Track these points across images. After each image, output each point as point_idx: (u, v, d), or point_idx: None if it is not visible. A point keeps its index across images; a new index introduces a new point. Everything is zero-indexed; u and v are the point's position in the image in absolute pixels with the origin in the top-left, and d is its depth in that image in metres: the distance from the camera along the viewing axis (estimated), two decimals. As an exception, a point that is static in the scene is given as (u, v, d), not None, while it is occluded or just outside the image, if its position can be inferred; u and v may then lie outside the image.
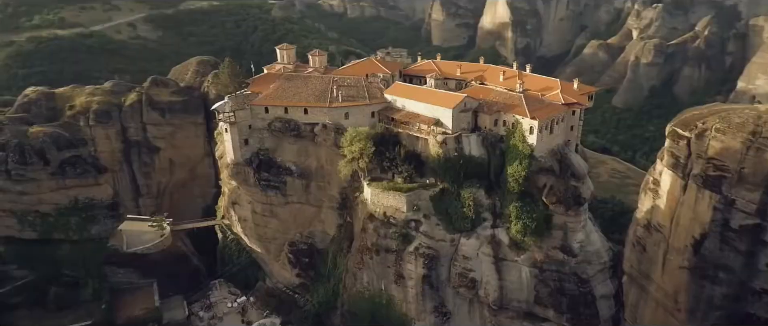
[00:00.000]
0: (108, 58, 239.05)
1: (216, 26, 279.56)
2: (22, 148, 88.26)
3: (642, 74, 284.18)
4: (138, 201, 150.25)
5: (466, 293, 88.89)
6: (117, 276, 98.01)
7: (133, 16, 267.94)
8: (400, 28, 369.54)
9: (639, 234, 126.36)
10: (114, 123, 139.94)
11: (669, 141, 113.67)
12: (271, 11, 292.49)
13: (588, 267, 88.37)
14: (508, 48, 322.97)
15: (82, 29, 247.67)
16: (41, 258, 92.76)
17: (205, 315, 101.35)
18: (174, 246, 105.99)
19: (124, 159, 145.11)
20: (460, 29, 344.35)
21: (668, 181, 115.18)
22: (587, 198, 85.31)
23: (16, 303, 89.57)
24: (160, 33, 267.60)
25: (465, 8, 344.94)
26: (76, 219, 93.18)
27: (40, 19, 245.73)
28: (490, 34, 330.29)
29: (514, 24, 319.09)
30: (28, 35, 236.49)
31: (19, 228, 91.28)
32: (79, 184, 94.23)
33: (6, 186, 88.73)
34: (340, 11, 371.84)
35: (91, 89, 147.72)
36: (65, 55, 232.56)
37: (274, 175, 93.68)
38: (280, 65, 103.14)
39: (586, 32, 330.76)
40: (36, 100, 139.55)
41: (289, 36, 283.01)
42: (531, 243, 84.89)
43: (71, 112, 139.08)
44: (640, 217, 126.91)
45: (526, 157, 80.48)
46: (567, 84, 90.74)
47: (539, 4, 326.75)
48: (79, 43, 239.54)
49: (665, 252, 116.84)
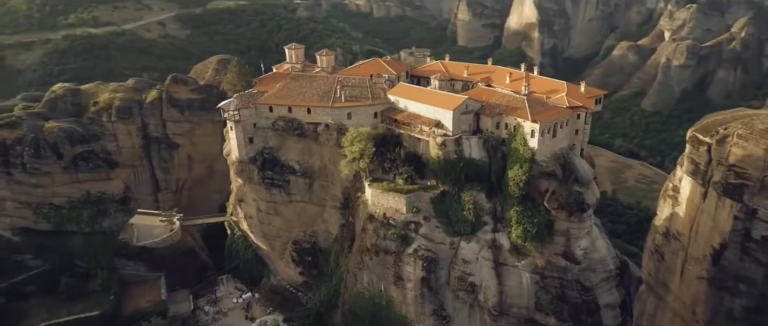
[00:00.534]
0: (138, 56, 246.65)
1: (242, 25, 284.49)
2: (37, 142, 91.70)
3: (673, 76, 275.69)
4: (157, 196, 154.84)
5: (466, 297, 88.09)
6: (126, 268, 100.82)
7: (163, 15, 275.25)
8: (426, 28, 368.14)
9: (657, 242, 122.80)
10: (135, 119, 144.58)
11: (689, 146, 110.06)
12: (297, 11, 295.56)
13: (592, 274, 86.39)
14: (534, 49, 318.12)
15: (114, 27, 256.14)
16: (55, 249, 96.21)
17: (211, 310, 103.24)
18: (183, 241, 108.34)
19: (144, 154, 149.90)
20: (486, 29, 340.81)
21: (688, 188, 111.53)
22: (591, 204, 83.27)
23: (30, 291, 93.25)
24: (188, 32, 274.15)
25: (491, 8, 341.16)
26: (88, 212, 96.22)
27: (75, 18, 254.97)
28: (516, 35, 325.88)
29: (541, 24, 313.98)
30: (63, 33, 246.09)
31: (34, 220, 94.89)
32: (91, 178, 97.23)
33: (21, 179, 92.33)
34: (365, 11, 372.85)
35: (115, 86, 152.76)
36: (98, 53, 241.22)
37: (277, 174, 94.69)
38: (289, 65, 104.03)
39: (615, 33, 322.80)
40: (62, 95, 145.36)
41: (314, 35, 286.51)
42: (532, 248, 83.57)
43: (95, 108, 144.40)
44: (659, 225, 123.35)
45: (526, 161, 79.15)
46: (574, 87, 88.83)
47: (567, 4, 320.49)
48: (111, 41, 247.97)
49: (684, 262, 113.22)
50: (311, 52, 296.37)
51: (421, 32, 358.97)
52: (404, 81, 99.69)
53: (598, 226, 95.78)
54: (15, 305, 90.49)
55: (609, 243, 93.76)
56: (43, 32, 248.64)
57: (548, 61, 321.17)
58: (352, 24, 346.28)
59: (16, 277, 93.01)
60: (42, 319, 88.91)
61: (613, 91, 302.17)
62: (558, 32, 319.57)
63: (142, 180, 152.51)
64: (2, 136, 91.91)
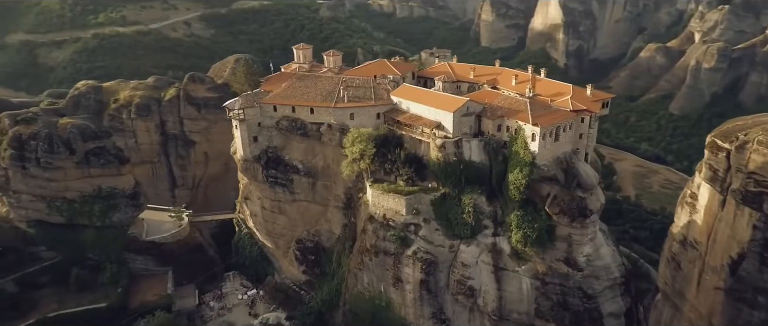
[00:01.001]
0: (163, 55, 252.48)
1: (266, 25, 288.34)
2: (51, 137, 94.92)
3: (703, 79, 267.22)
4: (174, 192, 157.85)
5: (465, 301, 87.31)
6: (135, 262, 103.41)
7: (189, 15, 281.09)
8: (449, 29, 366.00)
9: (674, 250, 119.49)
10: (153, 116, 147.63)
11: (707, 152, 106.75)
12: (319, 11, 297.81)
13: (595, 282, 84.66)
14: (559, 50, 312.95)
15: (141, 27, 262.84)
16: (67, 242, 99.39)
17: (216, 305, 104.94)
18: (191, 236, 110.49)
19: (162, 151, 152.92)
20: (510, 30, 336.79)
21: (706, 195, 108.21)
22: (595, 210, 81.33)
23: (43, 282, 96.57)
24: (212, 31, 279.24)
25: (516, 9, 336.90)
26: (99, 207, 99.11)
27: (105, 17, 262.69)
28: (540, 36, 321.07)
29: (566, 25, 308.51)
30: (93, 32, 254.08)
31: (47, 213, 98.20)
32: (103, 174, 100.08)
33: (36, 173, 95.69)
34: (389, 11, 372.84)
35: (135, 84, 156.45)
36: (125, 51, 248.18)
37: (281, 173, 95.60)
38: (297, 65, 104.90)
39: (644, 35, 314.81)
40: (85, 92, 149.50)
41: (335, 35, 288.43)
42: (532, 253, 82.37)
43: (115, 105, 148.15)
44: (676, 232, 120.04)
45: (527, 165, 78.06)
46: (579, 90, 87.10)
47: (594, 4, 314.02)
48: (138, 40, 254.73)
49: (701, 271, 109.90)
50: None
51: (444, 33, 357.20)
52: (410, 82, 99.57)
53: (605, 233, 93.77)
54: (28, 294, 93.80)
55: (615, 250, 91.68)
56: (74, 31, 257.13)
57: (573, 62, 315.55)
58: (375, 24, 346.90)
59: (30, 268, 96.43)
60: (52, 309, 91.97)
61: (639, 93, 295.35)
62: (584, 33, 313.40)
63: (160, 176, 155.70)
64: (19, 131, 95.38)
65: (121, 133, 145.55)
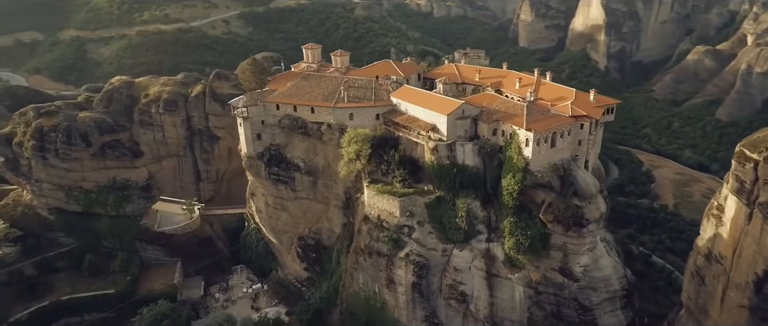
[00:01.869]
0: (202, 52, 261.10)
1: (301, 24, 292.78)
2: (69, 130, 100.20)
3: (754, 85, 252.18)
4: (198, 185, 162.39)
5: (458, 306, 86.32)
6: (146, 251, 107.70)
7: (229, 13, 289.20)
8: (487, 29, 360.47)
9: (699, 263, 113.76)
10: (180, 112, 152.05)
11: (735, 162, 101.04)
12: (354, 10, 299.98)
13: (592, 294, 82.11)
14: (599, 52, 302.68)
15: (182, 24, 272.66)
16: (83, 229, 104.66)
17: (221, 297, 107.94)
18: (201, 229, 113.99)
19: (187, 145, 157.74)
20: (549, 31, 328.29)
21: (733, 208, 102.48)
22: (592, 219, 78.70)
23: (60, 266, 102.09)
24: (250, 29, 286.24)
25: (556, 9, 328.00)
26: (113, 197, 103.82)
27: (149, 15, 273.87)
28: (581, 37, 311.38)
29: (608, 26, 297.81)
30: (137, 29, 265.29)
31: (66, 201, 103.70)
32: (117, 166, 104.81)
33: (55, 163, 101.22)
34: (426, 11, 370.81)
35: (165, 80, 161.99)
36: (166, 48, 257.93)
37: (283, 170, 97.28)
38: (306, 64, 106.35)
39: (691, 36, 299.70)
40: (118, 87, 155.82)
41: (369, 34, 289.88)
42: (525, 261, 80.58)
43: (145, 100, 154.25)
44: (702, 245, 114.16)
45: (519, 171, 76.37)
46: (583, 94, 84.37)
47: (639, 5, 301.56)
48: (179, 37, 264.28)
49: (725, 287, 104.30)
50: (367, 51, 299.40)
51: (481, 33, 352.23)
52: (415, 83, 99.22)
53: (608, 243, 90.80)
54: (45, 278, 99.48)
55: (618, 262, 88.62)
56: (120, 28, 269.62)
57: (615, 65, 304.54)
58: (412, 24, 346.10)
59: (49, 253, 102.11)
60: (65, 293, 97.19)
61: (684, 98, 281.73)
62: (627, 35, 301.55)
63: (186, 170, 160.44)
64: (41, 123, 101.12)
65: (149, 127, 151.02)
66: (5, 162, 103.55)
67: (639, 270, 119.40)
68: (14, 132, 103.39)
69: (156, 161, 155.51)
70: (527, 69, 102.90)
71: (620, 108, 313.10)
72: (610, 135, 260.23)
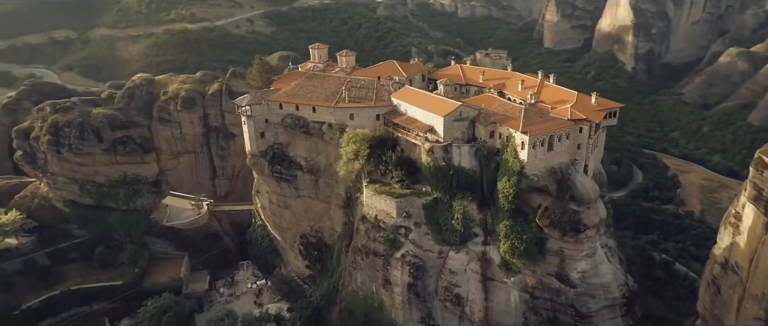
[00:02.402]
0: (226, 50, 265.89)
1: (324, 23, 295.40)
2: (82, 126, 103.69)
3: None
4: (214, 181, 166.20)
5: (453, 308, 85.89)
6: (155, 245, 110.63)
7: (253, 13, 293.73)
8: (511, 29, 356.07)
9: (715, 272, 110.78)
10: (197, 109, 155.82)
11: (753, 170, 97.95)
12: (377, 10, 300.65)
13: (590, 300, 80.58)
14: (627, 53, 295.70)
15: (207, 23, 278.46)
16: (96, 222, 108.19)
17: (226, 291, 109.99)
18: (208, 224, 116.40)
19: (204, 142, 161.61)
20: (575, 31, 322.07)
21: (750, 216, 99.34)
22: (590, 225, 77.16)
23: (72, 257, 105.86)
24: (274, 28, 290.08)
25: (582, 9, 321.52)
26: (124, 191, 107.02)
27: (176, 14, 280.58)
28: (608, 38, 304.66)
29: (636, 27, 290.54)
30: (164, 28, 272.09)
31: (79, 194, 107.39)
32: (128, 161, 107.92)
33: (68, 157, 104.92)
34: (450, 10, 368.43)
35: (184, 77, 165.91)
36: (191, 46, 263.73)
37: (285, 169, 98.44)
38: (312, 63, 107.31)
39: (724, 38, 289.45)
40: (139, 85, 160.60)
41: (391, 34, 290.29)
42: (521, 265, 79.61)
43: (164, 97, 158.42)
44: (718, 254, 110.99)
45: (515, 174, 75.52)
46: (584, 97, 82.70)
47: (669, 5, 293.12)
48: (204, 35, 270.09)
49: (741, 298, 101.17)
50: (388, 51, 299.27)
51: (505, 33, 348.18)
52: (419, 84, 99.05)
53: (610, 249, 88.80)
54: (58, 267, 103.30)
55: (619, 269, 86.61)
56: (148, 27, 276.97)
57: (642, 66, 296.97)
58: (436, 23, 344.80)
59: (62, 243, 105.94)
60: (75, 283, 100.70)
61: (715, 101, 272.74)
62: (656, 36, 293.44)
63: (202, 166, 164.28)
64: (56, 119, 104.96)
65: (167, 124, 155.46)
66: (23, 155, 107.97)
67: (660, 278, 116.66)
68: (32, 126, 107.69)
69: (174, 157, 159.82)
70: (551, 70, 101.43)
71: (647, 111, 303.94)
72: (635, 138, 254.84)
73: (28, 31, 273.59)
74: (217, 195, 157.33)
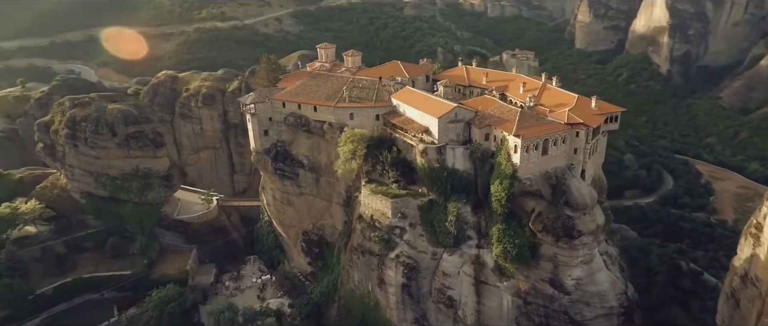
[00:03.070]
0: (253, 48, 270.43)
1: (351, 22, 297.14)
2: (97, 120, 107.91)
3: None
4: (233, 177, 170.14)
5: (446, 310, 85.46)
6: (165, 237, 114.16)
7: (281, 12, 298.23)
8: (542, 30, 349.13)
9: (735, 285, 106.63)
10: (217, 106, 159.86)
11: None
12: (404, 9, 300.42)
13: (585, 308, 78.83)
14: (662, 55, 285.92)
15: (236, 22, 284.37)
16: (110, 213, 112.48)
17: (231, 285, 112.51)
18: (217, 219, 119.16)
19: (223, 138, 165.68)
20: (608, 32, 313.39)
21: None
22: (586, 231, 75.41)
23: (87, 246, 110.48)
24: (301, 27, 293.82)
25: (616, 9, 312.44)
26: (136, 184, 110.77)
27: (207, 13, 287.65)
28: (642, 39, 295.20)
29: (672, 28, 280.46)
30: (195, 26, 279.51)
31: (95, 186, 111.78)
32: (141, 155, 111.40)
33: (84, 151, 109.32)
34: (480, 10, 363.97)
35: (205, 75, 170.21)
36: (220, 44, 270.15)
37: (288, 166, 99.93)
38: (319, 63, 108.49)
39: (767, 40, 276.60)
40: (163, 81, 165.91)
41: (417, 34, 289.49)
42: (514, 270, 78.59)
43: (186, 94, 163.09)
44: (738, 266, 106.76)
45: (507, 177, 74.62)
46: (584, 101, 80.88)
47: (708, 6, 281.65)
48: (232, 34, 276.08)
49: (760, 313, 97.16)
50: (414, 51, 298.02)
51: (536, 33, 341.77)
52: (423, 85, 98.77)
53: (611, 257, 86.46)
54: (73, 256, 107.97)
55: (619, 277, 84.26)
56: (180, 25, 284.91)
57: (678, 69, 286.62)
58: (464, 23, 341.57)
59: (78, 233, 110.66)
60: (87, 271, 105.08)
61: (756, 106, 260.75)
62: (693, 37, 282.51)
63: (221, 162, 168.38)
64: (74, 113, 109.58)
65: (189, 120, 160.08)
66: (44, 147, 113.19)
67: (687, 288, 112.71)
68: (52, 120, 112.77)
69: (194, 152, 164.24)
70: (582, 72, 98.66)
71: (681, 115, 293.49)
72: (667, 143, 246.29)
73: (68, 29, 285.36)
74: (236, 191, 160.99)
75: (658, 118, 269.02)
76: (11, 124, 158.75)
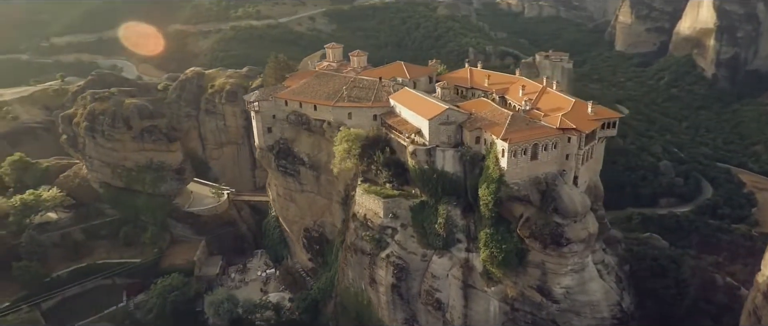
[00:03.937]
0: (286, 47, 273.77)
1: (383, 22, 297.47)
2: (114, 114, 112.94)
3: None
4: (254, 173, 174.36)
5: (434, 312, 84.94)
6: (176, 228, 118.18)
7: (315, 11, 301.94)
8: (580, 30, 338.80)
9: (757, 301, 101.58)
10: (239, 102, 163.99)
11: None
12: (437, 9, 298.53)
13: (574, 318, 76.80)
14: (707, 58, 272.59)
15: (271, 21, 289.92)
16: (125, 203, 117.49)
17: (237, 277, 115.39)
18: (227, 212, 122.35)
19: (245, 134, 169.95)
20: (651, 34, 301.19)
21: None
22: (575, 239, 73.46)
23: (102, 234, 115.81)
24: (334, 26, 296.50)
25: (660, 10, 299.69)
26: (150, 177, 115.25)
27: (243, 12, 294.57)
28: (686, 41, 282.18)
29: (719, 30, 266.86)
30: (231, 24, 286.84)
31: (111, 177, 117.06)
32: (154, 149, 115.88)
33: (102, 143, 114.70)
34: (517, 10, 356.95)
35: (230, 72, 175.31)
36: (255, 42, 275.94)
37: (290, 164, 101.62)
38: (327, 63, 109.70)
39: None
40: (190, 78, 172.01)
41: (449, 34, 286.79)
42: (501, 275, 77.37)
43: (211, 90, 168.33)
44: (761, 282, 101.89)
45: (494, 181, 73.49)
46: (582, 105, 78.48)
47: (760, 6, 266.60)
48: (266, 32, 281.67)
49: None
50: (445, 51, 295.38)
51: (574, 34, 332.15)
52: (426, 86, 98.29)
53: (606, 266, 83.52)
54: (89, 242, 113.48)
55: (613, 287, 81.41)
56: (217, 23, 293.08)
57: (724, 73, 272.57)
58: (501, 23, 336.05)
59: (95, 221, 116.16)
60: (101, 257, 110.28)
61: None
62: (742, 40, 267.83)
63: (243, 157, 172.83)
64: (94, 107, 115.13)
65: (213, 115, 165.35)
66: (67, 138, 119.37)
67: (721, 303, 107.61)
68: (75, 113, 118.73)
69: (218, 147, 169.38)
70: (621, 75, 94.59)
71: (726, 121, 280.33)
72: (710, 150, 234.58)
73: (114, 26, 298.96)
74: (257, 186, 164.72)
75: (701, 123, 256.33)
76: (49, 115, 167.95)
